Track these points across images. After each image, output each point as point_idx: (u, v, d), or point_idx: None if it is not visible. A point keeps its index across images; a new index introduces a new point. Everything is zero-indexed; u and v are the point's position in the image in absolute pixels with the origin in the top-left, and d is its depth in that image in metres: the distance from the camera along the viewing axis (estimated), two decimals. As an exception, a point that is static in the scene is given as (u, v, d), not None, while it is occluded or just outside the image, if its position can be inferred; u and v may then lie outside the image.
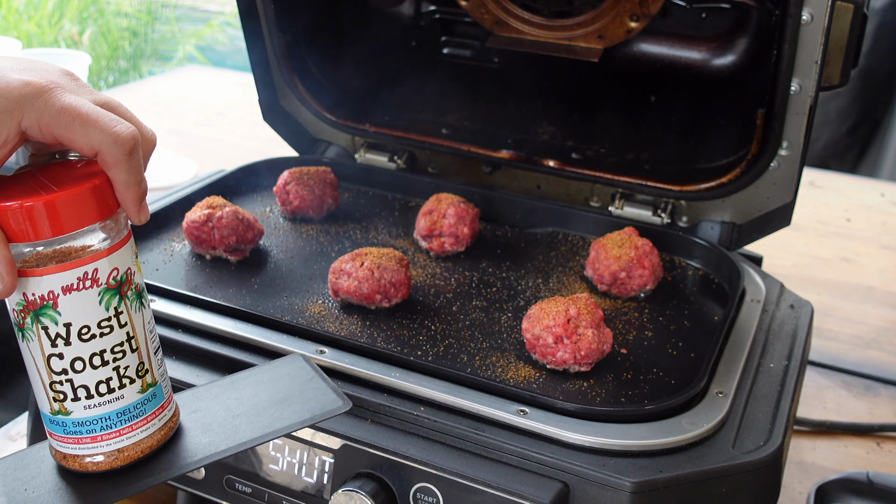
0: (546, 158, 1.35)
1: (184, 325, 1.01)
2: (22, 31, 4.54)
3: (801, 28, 1.08)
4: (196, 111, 2.41)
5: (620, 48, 1.39)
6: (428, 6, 1.56)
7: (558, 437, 0.86)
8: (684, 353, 1.05)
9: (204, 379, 0.96)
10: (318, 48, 1.47)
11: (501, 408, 0.89)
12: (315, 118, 1.47)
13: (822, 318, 1.54)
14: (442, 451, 0.87)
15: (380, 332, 1.05)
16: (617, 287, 1.15)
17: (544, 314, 0.99)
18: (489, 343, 1.04)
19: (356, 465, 0.89)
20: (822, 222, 1.96)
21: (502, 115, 1.49)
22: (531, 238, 1.32)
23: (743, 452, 0.87)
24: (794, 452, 1.21)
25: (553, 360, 0.98)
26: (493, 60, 1.51)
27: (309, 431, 0.91)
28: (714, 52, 1.36)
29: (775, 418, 0.93)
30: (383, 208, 1.38)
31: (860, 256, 1.81)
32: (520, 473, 0.84)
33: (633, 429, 0.87)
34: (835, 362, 1.43)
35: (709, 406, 0.92)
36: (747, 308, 1.11)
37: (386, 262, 1.08)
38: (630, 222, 1.27)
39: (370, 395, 0.91)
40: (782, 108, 1.14)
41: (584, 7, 1.34)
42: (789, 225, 1.24)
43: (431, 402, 0.91)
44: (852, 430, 1.27)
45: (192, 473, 0.96)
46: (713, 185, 1.24)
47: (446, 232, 1.23)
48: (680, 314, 1.13)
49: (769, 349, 1.05)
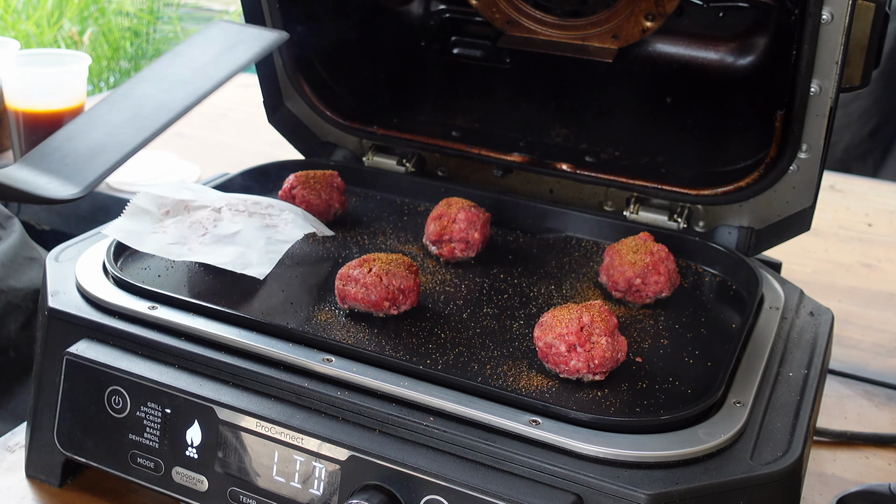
0: (559, 162, 1.34)
1: (186, 334, 1.00)
2: (20, 31, 4.54)
3: (821, 28, 1.07)
4: (199, 113, 2.38)
5: (635, 48, 1.38)
6: (437, 5, 1.55)
7: (571, 448, 0.85)
8: (701, 361, 1.04)
9: (207, 389, 0.95)
10: (324, 48, 1.47)
11: (513, 418, 0.88)
12: (321, 120, 1.47)
13: (843, 326, 1.52)
14: (452, 463, 0.86)
15: (388, 341, 1.04)
16: (632, 294, 1.14)
17: (557, 322, 0.98)
18: (500, 351, 1.03)
19: (364, 476, 0.88)
20: (842, 227, 1.94)
21: (514, 117, 1.49)
22: (543, 243, 1.31)
23: (761, 464, 0.86)
24: (814, 464, 1.20)
25: (566, 368, 0.97)
26: (505, 61, 1.50)
27: (315, 442, 0.89)
28: (732, 52, 1.35)
29: (794, 429, 0.92)
30: (392, 213, 1.37)
31: (882, 262, 1.79)
32: (532, 485, 0.83)
33: (649, 439, 0.86)
34: (856, 371, 1.41)
35: (726, 416, 0.91)
36: (766, 315, 1.10)
37: (394, 269, 1.07)
38: (645, 227, 1.26)
39: (378, 405, 0.90)
40: (802, 109, 1.13)
41: (598, 6, 1.33)
42: (809, 230, 1.23)
43: (441, 413, 0.89)
44: (874, 440, 1.25)
45: (194, 486, 0.95)
46: (730, 189, 1.23)
47: (456, 237, 1.21)
48: (696, 322, 1.12)
49: (788, 357, 1.04)
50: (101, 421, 0.99)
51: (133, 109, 0.89)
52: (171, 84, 0.89)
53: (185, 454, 0.95)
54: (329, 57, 1.47)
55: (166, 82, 0.90)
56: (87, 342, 1.01)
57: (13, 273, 1.40)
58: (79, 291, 1.06)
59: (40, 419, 1.04)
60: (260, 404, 0.93)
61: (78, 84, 1.90)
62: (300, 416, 0.91)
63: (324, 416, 0.91)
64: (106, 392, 0.98)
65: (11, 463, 1.08)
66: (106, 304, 1.03)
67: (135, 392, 0.97)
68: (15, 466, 1.08)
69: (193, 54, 0.95)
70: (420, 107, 1.49)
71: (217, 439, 0.94)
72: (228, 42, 0.94)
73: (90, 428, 1.00)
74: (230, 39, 0.94)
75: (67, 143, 0.84)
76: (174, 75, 0.91)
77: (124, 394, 0.97)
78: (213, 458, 0.94)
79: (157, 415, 0.96)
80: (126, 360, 0.98)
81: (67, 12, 4.82)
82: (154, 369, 0.97)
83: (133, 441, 0.98)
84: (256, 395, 0.94)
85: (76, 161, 0.82)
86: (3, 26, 4.51)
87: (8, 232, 1.46)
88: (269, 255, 1.12)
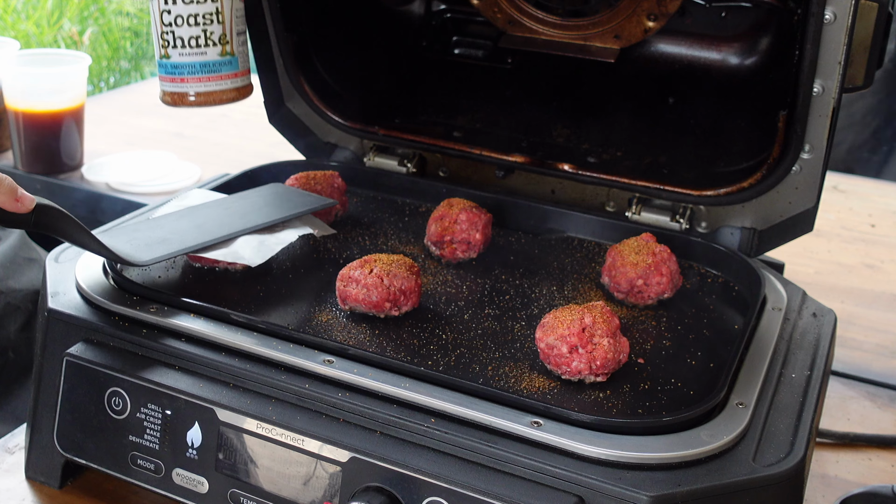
0: (561, 162, 1.33)
1: (186, 335, 0.99)
2: (20, 31, 4.52)
3: (824, 27, 1.07)
4: (199, 113, 2.39)
5: (637, 48, 1.38)
6: (439, 5, 1.55)
7: (573, 450, 0.85)
8: (703, 362, 1.03)
9: (207, 390, 0.94)
10: (325, 48, 1.46)
11: (514, 419, 0.87)
12: (322, 120, 1.46)
13: (846, 327, 1.52)
14: (453, 465, 0.86)
15: (389, 342, 1.03)
16: (634, 295, 1.14)
17: (559, 323, 0.97)
18: (502, 353, 1.02)
19: (365, 478, 0.87)
20: (845, 228, 1.94)
21: (515, 117, 1.48)
22: (545, 244, 1.30)
23: (764, 465, 0.86)
24: (817, 465, 1.19)
25: (568, 370, 0.96)
26: (507, 61, 1.50)
27: (316, 444, 0.89)
28: (734, 52, 1.35)
29: (797, 430, 0.91)
30: (393, 213, 1.37)
31: (885, 263, 1.79)
32: (533, 487, 0.83)
33: (651, 441, 0.86)
34: (859, 372, 1.41)
35: (728, 418, 0.90)
36: (768, 316, 1.10)
37: (396, 269, 1.06)
38: (647, 228, 1.26)
39: (379, 407, 0.90)
40: (805, 110, 1.13)
41: (600, 6, 1.33)
42: (812, 231, 1.22)
43: (442, 414, 0.89)
44: (877, 442, 1.25)
45: (195, 488, 0.95)
46: (733, 190, 1.23)
47: (458, 238, 1.21)
48: (699, 323, 1.12)
49: (791, 359, 1.04)
50: (102, 422, 0.99)
51: (199, 220, 1.16)
52: (232, 213, 1.18)
53: (185, 456, 0.95)
54: (330, 57, 1.47)
55: (229, 211, 1.19)
56: (87, 343, 1.01)
57: (12, 274, 1.40)
58: (79, 292, 1.06)
59: (40, 421, 1.04)
60: (260, 406, 0.92)
61: (78, 84, 1.90)
62: (301, 418, 0.91)
63: (324, 418, 0.91)
64: (106, 393, 0.98)
65: (11, 464, 1.08)
66: (106, 306, 1.03)
67: (135, 393, 0.96)
68: (15, 468, 1.07)
69: (253, 197, 1.24)
70: (421, 107, 1.49)
71: (218, 441, 0.93)
72: (288, 197, 1.22)
73: (90, 429, 0.99)
74: (290, 196, 1.22)
75: (138, 232, 1.12)
76: (235, 207, 1.20)
77: (124, 395, 0.97)
78: (214, 460, 0.94)
79: (158, 416, 0.96)
80: (126, 361, 0.98)
81: (67, 12, 4.81)
82: (154, 370, 0.97)
83: (133, 442, 0.97)
84: (257, 396, 0.93)
85: (147, 242, 1.08)
86: (2, 26, 4.50)
87: (7, 233, 1.46)
88: (262, 252, 1.13)
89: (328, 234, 1.24)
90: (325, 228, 1.24)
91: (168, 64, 1.09)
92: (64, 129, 1.90)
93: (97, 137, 2.10)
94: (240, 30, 1.11)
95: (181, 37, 1.07)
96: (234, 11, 1.09)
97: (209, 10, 1.07)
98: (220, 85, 1.10)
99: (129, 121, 2.34)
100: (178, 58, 1.08)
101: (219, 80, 1.10)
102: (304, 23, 1.40)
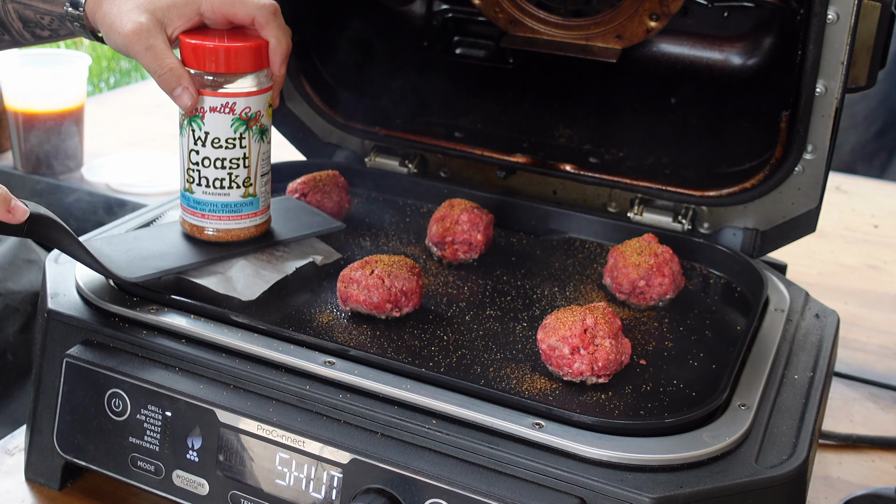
0: (562, 162, 1.33)
1: (186, 336, 0.99)
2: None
3: (827, 27, 1.07)
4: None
5: (639, 48, 1.38)
6: (440, 5, 1.55)
7: (575, 452, 0.84)
8: (705, 364, 1.03)
9: (208, 392, 0.94)
10: (326, 48, 1.46)
11: (516, 421, 0.87)
12: (323, 121, 1.46)
13: (849, 328, 1.51)
14: (454, 466, 0.85)
15: (390, 343, 1.03)
16: (636, 296, 1.13)
17: (560, 324, 0.97)
18: (503, 354, 1.02)
19: (365, 480, 0.87)
20: (848, 229, 1.93)
21: (517, 117, 1.48)
22: (547, 245, 1.30)
23: (766, 467, 0.85)
24: (820, 467, 1.19)
25: (569, 371, 0.96)
26: (508, 61, 1.49)
27: (317, 445, 0.89)
28: (736, 52, 1.35)
29: (800, 432, 0.91)
30: (394, 214, 1.37)
31: (888, 264, 1.79)
32: (535, 489, 0.83)
33: (653, 443, 0.86)
34: (862, 374, 1.40)
35: (731, 419, 0.90)
36: (771, 317, 1.10)
37: (397, 270, 1.06)
38: (649, 229, 1.25)
39: (380, 409, 0.90)
40: (807, 110, 1.12)
41: (602, 6, 1.32)
42: (814, 231, 1.22)
43: (443, 416, 0.89)
44: (880, 443, 1.24)
45: (195, 489, 0.95)
46: (735, 191, 1.23)
47: (459, 239, 1.20)
48: (701, 324, 1.11)
49: (794, 360, 1.04)
50: (101, 424, 0.98)
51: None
52: None
53: (185, 457, 0.95)
54: (331, 57, 1.47)
55: None
56: (86, 344, 1.00)
57: (11, 276, 1.39)
58: (78, 293, 1.06)
59: (40, 422, 1.04)
60: (261, 407, 0.92)
61: (78, 84, 1.89)
62: (302, 419, 0.91)
63: (325, 419, 0.90)
64: (106, 395, 0.97)
65: (11, 466, 1.08)
66: (106, 307, 1.03)
67: (135, 395, 0.96)
68: (14, 470, 1.07)
69: None
70: (422, 107, 1.48)
71: (218, 442, 0.93)
72: (297, 214, 1.22)
73: (90, 431, 0.99)
74: (299, 214, 1.22)
75: (138, 242, 1.12)
76: None
77: (124, 396, 0.97)
78: (214, 462, 0.93)
79: (158, 418, 0.95)
80: (126, 362, 0.98)
81: (68, 13, 4.81)
82: (154, 372, 0.96)
83: (133, 444, 0.97)
84: (257, 397, 0.93)
85: (143, 255, 1.08)
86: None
87: (6, 234, 1.45)
88: (256, 286, 1.10)
89: (331, 260, 1.20)
90: (329, 254, 1.20)
91: (191, 198, 1.09)
92: (64, 130, 1.89)
93: (97, 138, 2.09)
94: (264, 171, 1.11)
95: (206, 177, 1.07)
96: (260, 155, 1.09)
97: (237, 155, 1.07)
98: (239, 224, 1.10)
99: (129, 121, 2.33)
100: (201, 195, 1.08)
101: (238, 219, 1.10)
102: (304, 22, 1.40)
